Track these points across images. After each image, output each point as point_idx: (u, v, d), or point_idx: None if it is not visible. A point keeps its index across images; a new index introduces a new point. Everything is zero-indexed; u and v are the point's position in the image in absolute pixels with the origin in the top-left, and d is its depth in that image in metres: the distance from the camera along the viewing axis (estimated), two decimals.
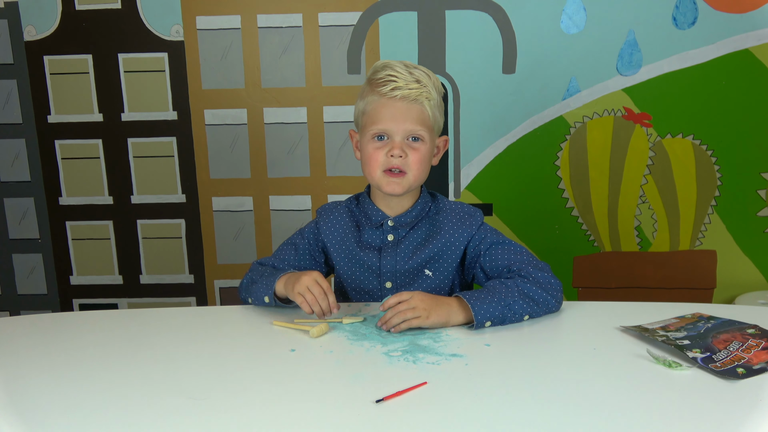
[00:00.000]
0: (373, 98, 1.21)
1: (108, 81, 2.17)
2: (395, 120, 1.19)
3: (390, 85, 1.18)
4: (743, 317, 1.12)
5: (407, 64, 1.22)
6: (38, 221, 2.29)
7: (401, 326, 1.10)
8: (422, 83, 1.19)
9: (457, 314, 1.12)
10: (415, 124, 1.19)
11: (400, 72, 1.19)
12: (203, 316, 1.29)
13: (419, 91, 1.19)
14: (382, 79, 1.20)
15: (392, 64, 1.21)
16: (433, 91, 1.21)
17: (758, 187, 2.10)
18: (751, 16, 1.98)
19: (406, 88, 1.18)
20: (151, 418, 0.85)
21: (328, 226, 1.32)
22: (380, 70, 1.22)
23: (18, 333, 1.18)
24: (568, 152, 2.13)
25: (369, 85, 1.23)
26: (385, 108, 1.19)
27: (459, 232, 1.27)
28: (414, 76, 1.19)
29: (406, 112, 1.19)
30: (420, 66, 1.23)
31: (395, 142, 1.20)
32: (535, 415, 0.84)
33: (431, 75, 1.22)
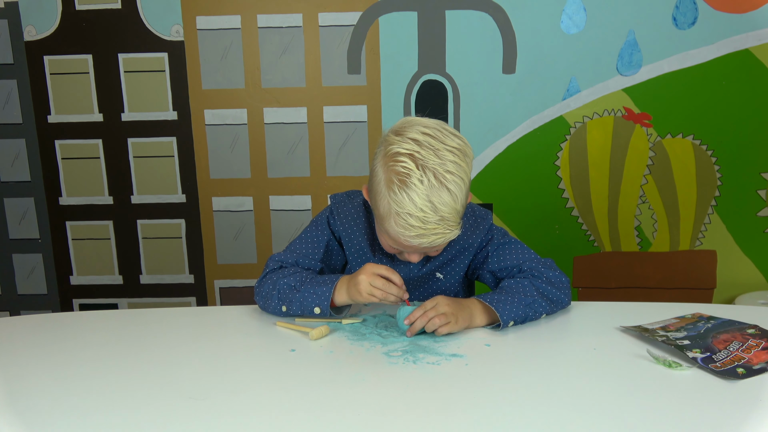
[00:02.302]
0: (392, 227, 1.07)
1: (108, 81, 2.17)
2: (414, 248, 1.11)
3: (411, 231, 1.05)
4: (743, 317, 1.12)
5: (432, 179, 1.02)
6: (38, 221, 2.29)
7: (442, 330, 1.07)
8: (448, 219, 1.05)
9: (480, 316, 1.13)
10: (435, 248, 1.14)
11: (423, 210, 1.03)
12: (203, 316, 1.29)
13: (445, 236, 1.06)
14: (401, 216, 1.04)
15: (410, 185, 1.02)
16: (460, 214, 1.07)
17: (758, 187, 2.10)
18: (751, 16, 1.98)
19: (430, 234, 1.05)
20: (151, 418, 0.85)
21: (342, 222, 1.25)
22: (397, 192, 1.03)
23: (18, 333, 1.17)
24: (568, 152, 2.13)
25: (386, 203, 1.06)
26: (405, 242, 1.08)
27: (470, 235, 1.23)
28: (439, 212, 1.03)
29: (428, 248, 1.11)
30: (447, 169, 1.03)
31: (412, 258, 1.16)
32: (536, 415, 0.84)
33: (458, 182, 1.04)
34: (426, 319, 1.07)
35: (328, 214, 1.27)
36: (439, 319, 1.06)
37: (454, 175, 1.03)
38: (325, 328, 1.11)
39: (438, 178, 1.02)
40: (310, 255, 1.24)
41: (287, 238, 2.26)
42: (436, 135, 1.05)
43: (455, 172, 1.04)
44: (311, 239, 1.26)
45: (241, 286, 2.31)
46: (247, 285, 2.32)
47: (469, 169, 1.08)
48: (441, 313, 1.07)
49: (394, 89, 2.12)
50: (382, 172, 1.07)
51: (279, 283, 1.17)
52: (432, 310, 1.07)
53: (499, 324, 1.11)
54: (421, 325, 1.07)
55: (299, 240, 1.26)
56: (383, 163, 1.07)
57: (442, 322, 1.07)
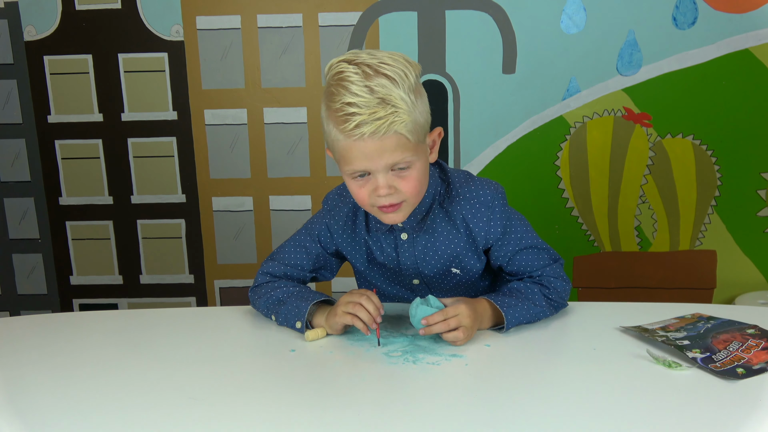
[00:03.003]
0: (337, 136, 0.99)
1: (108, 81, 2.17)
2: (370, 159, 0.99)
3: (351, 121, 0.95)
4: (743, 317, 1.12)
5: (365, 66, 0.97)
6: (38, 221, 2.29)
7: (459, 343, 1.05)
8: (389, 102, 0.95)
9: (488, 321, 1.12)
10: (395, 156, 0.99)
11: (357, 93, 0.95)
12: (203, 316, 1.29)
13: (389, 119, 0.95)
14: (340, 110, 0.96)
15: (346, 77, 0.96)
16: (406, 101, 0.96)
17: (758, 187, 2.10)
18: (751, 16, 1.98)
19: (372, 119, 0.95)
20: (151, 418, 0.85)
21: (339, 225, 1.19)
22: (335, 92, 0.97)
23: (18, 333, 1.17)
24: (568, 152, 2.13)
25: (328, 111, 1.00)
26: (353, 149, 0.98)
27: (478, 228, 1.14)
28: (377, 93, 0.95)
29: (380, 148, 0.97)
30: (382, 63, 0.97)
31: (378, 181, 1.01)
32: (535, 415, 0.84)
33: (398, 72, 0.97)
34: (446, 327, 1.03)
35: (321, 223, 1.22)
36: (463, 334, 1.03)
37: (390, 65, 0.97)
38: (322, 330, 1.11)
39: (373, 68, 0.96)
40: (299, 266, 1.22)
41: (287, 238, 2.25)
42: (374, 51, 1.02)
43: (391, 63, 0.97)
44: (302, 250, 1.23)
45: (241, 286, 2.31)
46: (247, 285, 2.31)
47: (414, 75, 1.00)
48: (463, 326, 1.04)
49: None
50: (323, 102, 1.02)
51: (268, 295, 1.17)
52: (454, 320, 1.03)
53: (502, 326, 1.11)
54: (439, 331, 1.03)
55: (291, 247, 1.24)
56: (323, 88, 1.03)
57: (464, 337, 1.04)
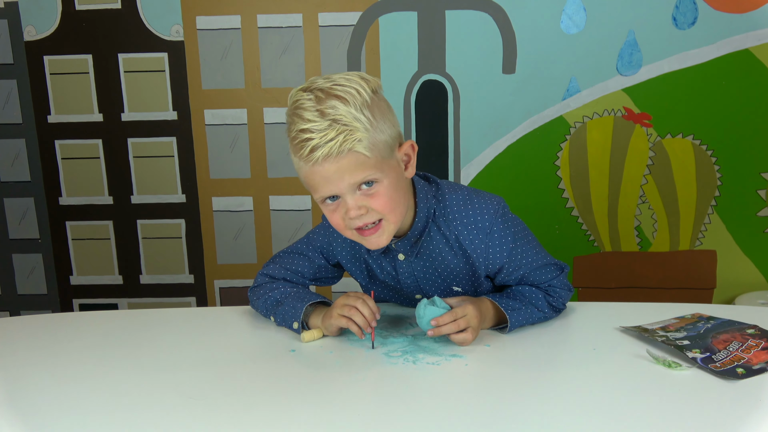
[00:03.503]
0: (299, 163, 0.99)
1: (108, 81, 2.17)
2: (331, 182, 0.97)
3: (305, 147, 0.95)
4: (743, 317, 1.12)
5: (318, 92, 0.96)
6: (38, 221, 2.29)
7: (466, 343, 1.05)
8: (340, 121, 0.94)
9: (491, 320, 1.12)
10: (356, 175, 0.97)
11: (309, 119, 0.95)
12: (203, 316, 1.29)
13: (340, 140, 0.94)
14: (296, 138, 0.96)
15: (300, 105, 0.97)
16: (359, 119, 0.95)
17: (758, 187, 2.10)
18: (751, 16, 1.98)
19: (324, 142, 0.94)
20: (151, 418, 0.85)
21: (338, 242, 1.18)
22: (291, 122, 0.98)
23: (18, 333, 1.17)
24: (568, 152, 2.13)
25: (289, 141, 1.00)
26: (314, 174, 0.97)
27: (476, 255, 1.11)
28: (327, 115, 0.94)
29: (338, 170, 0.96)
30: (335, 85, 0.97)
31: (347, 203, 0.99)
32: (535, 415, 0.84)
33: (350, 91, 0.96)
34: (456, 328, 1.03)
35: (324, 242, 1.21)
36: (471, 335, 1.03)
37: (345, 87, 0.96)
38: (318, 331, 1.11)
39: (325, 91, 0.96)
40: (300, 272, 1.21)
41: (287, 238, 2.26)
42: (331, 75, 1.00)
43: (346, 84, 0.96)
44: (304, 258, 1.22)
45: (241, 286, 2.31)
46: (247, 285, 2.31)
47: (370, 89, 0.98)
48: (470, 327, 1.04)
49: (394, 89, 2.12)
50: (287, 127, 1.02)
51: (266, 296, 1.17)
52: (463, 320, 1.03)
53: (503, 327, 1.11)
54: (448, 332, 1.03)
55: (293, 254, 1.23)
56: None
57: (472, 337, 1.04)
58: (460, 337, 1.03)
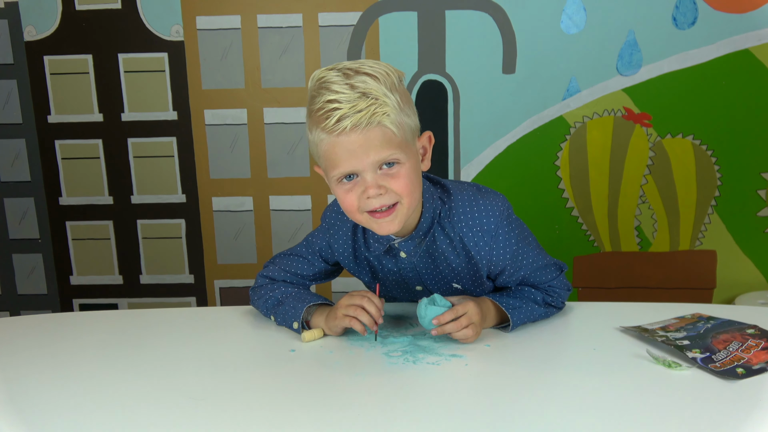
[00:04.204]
0: (321, 136, 0.97)
1: (108, 81, 2.17)
2: (355, 156, 0.96)
3: (332, 116, 0.93)
4: (743, 317, 1.12)
5: (346, 70, 0.96)
6: (38, 221, 2.29)
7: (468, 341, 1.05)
8: (370, 95, 0.94)
9: (492, 320, 1.12)
10: (381, 151, 0.96)
11: (338, 90, 0.94)
12: (203, 316, 1.29)
13: (370, 110, 0.93)
14: (321, 109, 0.95)
15: (328, 79, 0.96)
16: (389, 95, 0.95)
17: (758, 187, 2.10)
18: (751, 16, 1.98)
19: (353, 112, 0.93)
20: (151, 418, 0.85)
21: (339, 243, 1.17)
22: (316, 95, 0.97)
23: (18, 333, 1.17)
24: (568, 152, 2.13)
25: (310, 117, 0.99)
26: (337, 147, 0.96)
27: (480, 257, 1.11)
28: (357, 88, 0.94)
29: (364, 142, 0.95)
30: (363, 65, 0.97)
31: (366, 181, 0.98)
32: (536, 415, 0.84)
33: (379, 71, 0.96)
34: (458, 327, 1.03)
35: (323, 245, 1.20)
36: (472, 331, 1.03)
37: (373, 67, 0.97)
38: (319, 331, 1.11)
39: (353, 69, 0.96)
40: (299, 274, 1.21)
41: (287, 238, 2.26)
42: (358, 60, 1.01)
43: (374, 65, 0.97)
44: (303, 260, 1.22)
45: (241, 286, 2.31)
46: (247, 285, 2.31)
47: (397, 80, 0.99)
48: (472, 323, 1.04)
49: None
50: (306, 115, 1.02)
51: (267, 296, 1.17)
52: (465, 318, 1.03)
53: (505, 326, 1.11)
54: (451, 330, 1.03)
55: (292, 256, 1.23)
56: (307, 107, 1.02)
57: (473, 334, 1.04)
58: (462, 333, 1.03)
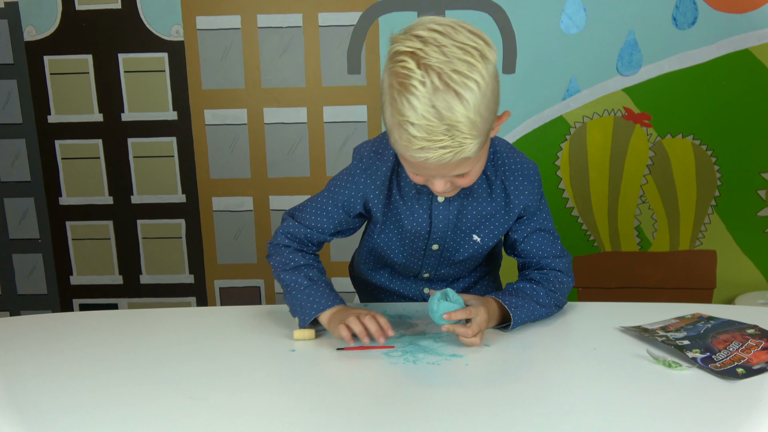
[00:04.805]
0: (398, 142, 0.92)
1: (108, 81, 2.17)
2: (429, 171, 0.95)
3: (413, 143, 0.89)
4: (743, 317, 1.12)
5: (435, 79, 0.85)
6: (38, 221, 2.29)
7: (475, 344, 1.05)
8: (457, 128, 0.87)
9: (495, 320, 1.11)
10: (456, 170, 0.95)
11: (424, 116, 0.86)
12: (203, 316, 1.29)
13: (455, 150, 0.88)
14: (403, 128, 0.89)
15: (411, 87, 0.86)
16: (475, 122, 0.87)
17: (758, 187, 2.10)
18: (751, 16, 1.98)
19: (436, 147, 0.88)
20: (151, 418, 0.85)
21: (376, 185, 1.12)
22: (397, 101, 0.88)
23: (18, 333, 1.17)
24: (568, 152, 2.13)
25: (391, 111, 0.90)
26: (412, 159, 0.93)
27: (518, 201, 1.12)
28: (444, 119, 0.86)
29: (440, 167, 0.93)
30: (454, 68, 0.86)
31: (435, 186, 0.99)
32: (535, 415, 0.84)
33: (469, 83, 0.86)
34: (469, 334, 1.02)
35: (351, 193, 1.14)
36: (479, 339, 1.03)
37: (464, 76, 0.86)
38: (309, 332, 1.10)
39: (443, 79, 0.85)
40: (320, 228, 1.17)
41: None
42: (447, 31, 0.88)
43: (466, 72, 0.86)
44: (324, 213, 1.16)
45: (241, 286, 2.31)
46: (247, 285, 2.31)
47: (489, 73, 0.88)
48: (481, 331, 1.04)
49: None
50: (385, 79, 0.92)
51: (281, 276, 1.16)
52: (476, 325, 1.03)
53: (505, 325, 1.11)
54: (461, 333, 1.03)
55: (313, 209, 1.17)
56: (386, 68, 0.92)
57: (480, 340, 1.04)
58: (469, 340, 1.03)
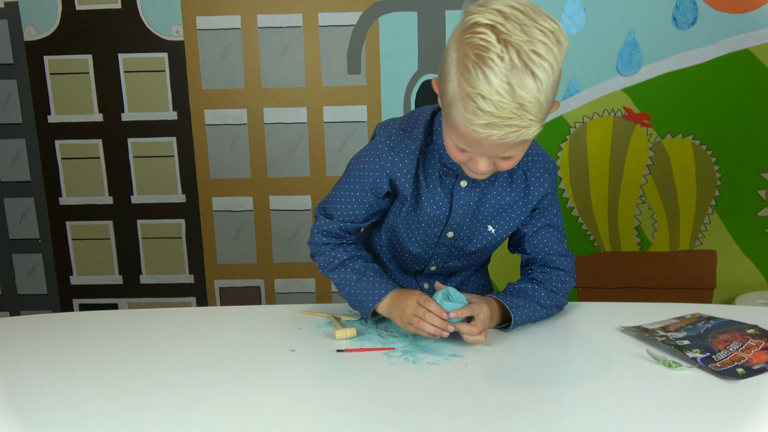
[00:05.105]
0: (461, 115, 0.90)
1: (108, 81, 2.17)
2: (485, 148, 0.93)
3: (481, 118, 0.87)
4: (743, 317, 1.12)
5: (514, 56, 0.84)
6: (38, 221, 2.29)
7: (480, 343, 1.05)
8: (528, 110, 0.86)
9: (497, 320, 1.11)
10: (510, 151, 0.95)
11: (498, 92, 0.85)
12: (203, 316, 1.29)
13: (522, 131, 0.88)
14: (472, 100, 0.87)
15: (489, 61, 0.85)
16: (543, 106, 0.88)
17: (758, 187, 2.10)
18: (751, 16, 1.98)
19: (504, 124, 0.87)
20: (151, 418, 0.85)
21: (404, 163, 1.09)
22: (472, 72, 0.86)
23: (18, 333, 1.17)
24: (568, 152, 2.13)
25: (459, 82, 0.89)
26: (471, 133, 0.91)
27: (536, 186, 1.12)
28: (518, 97, 0.85)
29: (500, 146, 0.92)
30: (534, 49, 0.85)
31: (479, 165, 0.96)
32: (535, 415, 0.84)
33: (546, 67, 0.86)
34: (474, 332, 1.02)
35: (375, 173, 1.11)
36: (484, 337, 1.04)
37: (542, 58, 0.85)
38: (351, 330, 1.10)
39: (522, 57, 0.84)
40: (353, 216, 1.15)
41: (287, 238, 2.26)
42: (527, 11, 0.87)
43: (544, 55, 0.85)
44: (354, 201, 1.14)
45: (241, 286, 2.31)
46: (247, 285, 2.31)
47: (561, 60, 0.88)
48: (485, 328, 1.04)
49: (394, 89, 2.12)
50: (455, 50, 0.91)
51: (329, 275, 1.16)
52: (480, 323, 1.03)
53: (506, 325, 1.11)
54: (465, 331, 1.03)
55: (343, 199, 1.15)
56: (458, 38, 0.91)
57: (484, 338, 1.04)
58: (474, 338, 1.04)
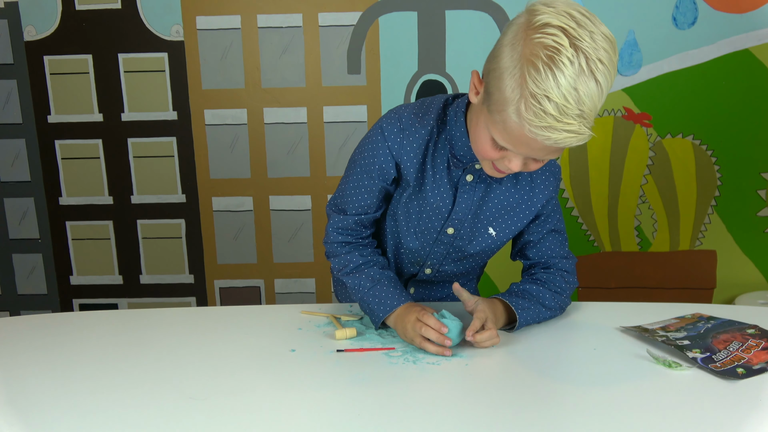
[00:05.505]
0: (517, 116, 0.88)
1: (108, 81, 2.17)
2: (528, 148, 0.93)
3: (542, 119, 0.86)
4: (743, 317, 1.12)
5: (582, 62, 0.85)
6: (38, 221, 2.29)
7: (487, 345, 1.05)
8: (587, 118, 0.87)
9: (503, 321, 1.11)
10: (551, 156, 0.95)
11: (565, 96, 0.85)
12: (203, 316, 1.29)
13: (576, 138, 0.88)
14: (536, 100, 0.86)
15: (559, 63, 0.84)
16: (597, 113, 0.90)
17: (758, 187, 2.10)
18: (751, 16, 1.98)
19: (562, 129, 0.87)
20: (151, 418, 0.85)
21: (413, 147, 1.08)
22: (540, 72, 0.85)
23: (18, 333, 1.17)
24: (567, 152, 2.13)
25: (522, 81, 0.87)
26: (521, 136, 0.90)
27: (541, 189, 1.13)
28: (581, 104, 0.86)
29: (546, 149, 0.92)
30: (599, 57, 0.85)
31: (512, 164, 0.96)
32: (536, 415, 0.84)
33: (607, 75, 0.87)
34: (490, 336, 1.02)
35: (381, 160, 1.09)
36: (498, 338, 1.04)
37: (605, 67, 0.86)
38: (351, 330, 1.11)
39: (590, 64, 0.85)
40: (366, 208, 1.14)
41: (287, 238, 2.26)
42: (591, 17, 0.88)
43: (606, 63, 0.86)
44: (364, 191, 1.13)
45: (241, 286, 2.31)
46: (247, 285, 2.31)
47: (615, 71, 0.89)
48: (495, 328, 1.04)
49: (394, 89, 2.12)
50: (519, 47, 0.88)
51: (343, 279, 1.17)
52: (490, 321, 1.03)
53: (510, 326, 1.11)
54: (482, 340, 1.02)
55: (353, 192, 1.14)
56: (523, 36, 0.88)
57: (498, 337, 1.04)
58: (492, 341, 1.03)
